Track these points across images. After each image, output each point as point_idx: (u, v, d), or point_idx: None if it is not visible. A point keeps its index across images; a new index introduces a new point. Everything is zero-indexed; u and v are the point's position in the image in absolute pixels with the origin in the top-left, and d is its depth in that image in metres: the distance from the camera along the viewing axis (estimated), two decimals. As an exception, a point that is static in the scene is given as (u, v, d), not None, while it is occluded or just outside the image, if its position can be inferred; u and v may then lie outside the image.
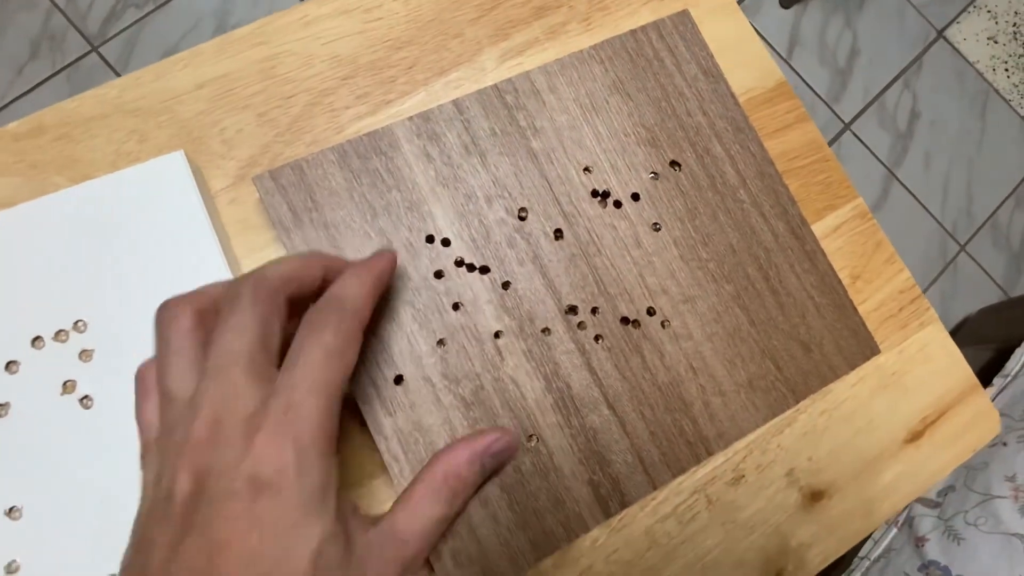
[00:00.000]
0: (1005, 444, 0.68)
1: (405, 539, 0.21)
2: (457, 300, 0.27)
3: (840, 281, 0.31)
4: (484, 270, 0.28)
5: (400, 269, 0.27)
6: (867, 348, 0.30)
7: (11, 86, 1.07)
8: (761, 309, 0.30)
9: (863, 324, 0.30)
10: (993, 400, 0.79)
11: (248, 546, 0.18)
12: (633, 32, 0.31)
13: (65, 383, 0.25)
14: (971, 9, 1.33)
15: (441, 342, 0.27)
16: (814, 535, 0.30)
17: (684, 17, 0.32)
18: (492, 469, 0.25)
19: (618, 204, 0.30)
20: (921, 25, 1.31)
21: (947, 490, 0.68)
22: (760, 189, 0.31)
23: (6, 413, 0.25)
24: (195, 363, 0.20)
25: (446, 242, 0.28)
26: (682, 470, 0.28)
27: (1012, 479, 0.63)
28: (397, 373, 0.26)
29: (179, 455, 0.19)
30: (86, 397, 0.25)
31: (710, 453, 0.28)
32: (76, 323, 0.26)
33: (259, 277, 0.21)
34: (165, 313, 0.21)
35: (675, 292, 0.29)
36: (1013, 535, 0.58)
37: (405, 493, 0.23)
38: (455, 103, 0.29)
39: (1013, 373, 0.82)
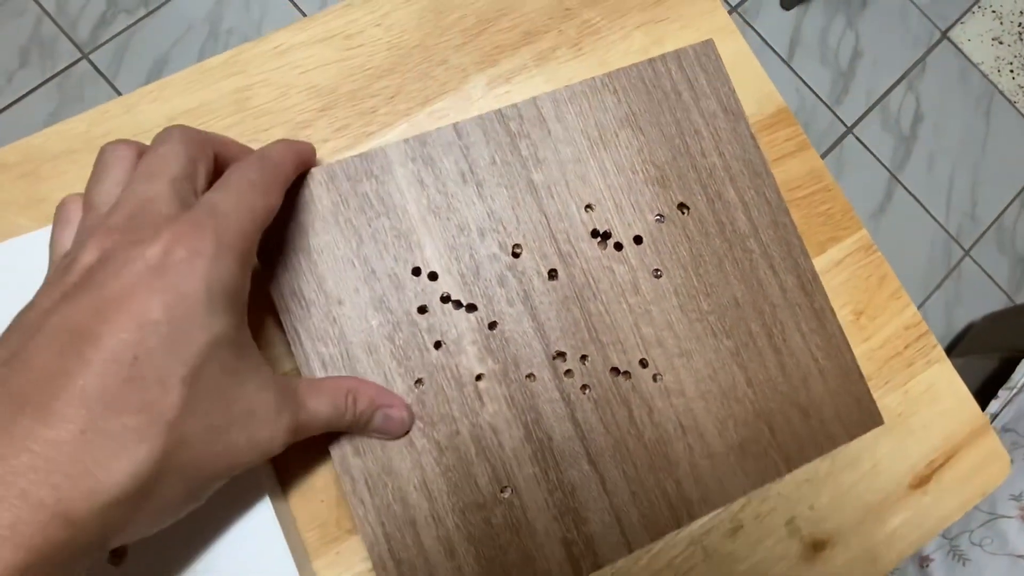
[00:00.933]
0: (1012, 461, 0.64)
1: (301, 408, 0.21)
2: (440, 338, 0.26)
3: (848, 345, 0.29)
4: (471, 308, 0.26)
5: (381, 302, 0.26)
6: (869, 418, 0.29)
7: (0, 95, 1.05)
8: (761, 369, 0.28)
9: (867, 392, 0.29)
10: (998, 414, 0.76)
11: (143, 311, 0.17)
12: (652, 61, 0.30)
13: None
14: (976, 9, 1.29)
15: (419, 382, 0.26)
16: (820, 584, 0.29)
17: (708, 48, 0.30)
18: (377, 427, 0.24)
19: (619, 246, 0.28)
20: (924, 26, 1.27)
21: None
22: (772, 239, 0.29)
23: None
24: (124, 183, 0.20)
25: (433, 276, 0.26)
26: (660, 534, 0.26)
27: (1018, 498, 0.61)
28: (370, 412, 0.25)
29: (91, 236, 0.18)
30: None
31: (692, 517, 0.27)
32: None
33: (190, 127, 0.22)
34: (109, 145, 0.21)
35: (671, 344, 0.28)
36: (1020, 557, 0.56)
37: (313, 383, 0.23)
38: (455, 127, 0.27)
39: (1019, 385, 0.79)
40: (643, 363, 0.27)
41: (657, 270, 0.28)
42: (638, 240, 0.28)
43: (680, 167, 0.29)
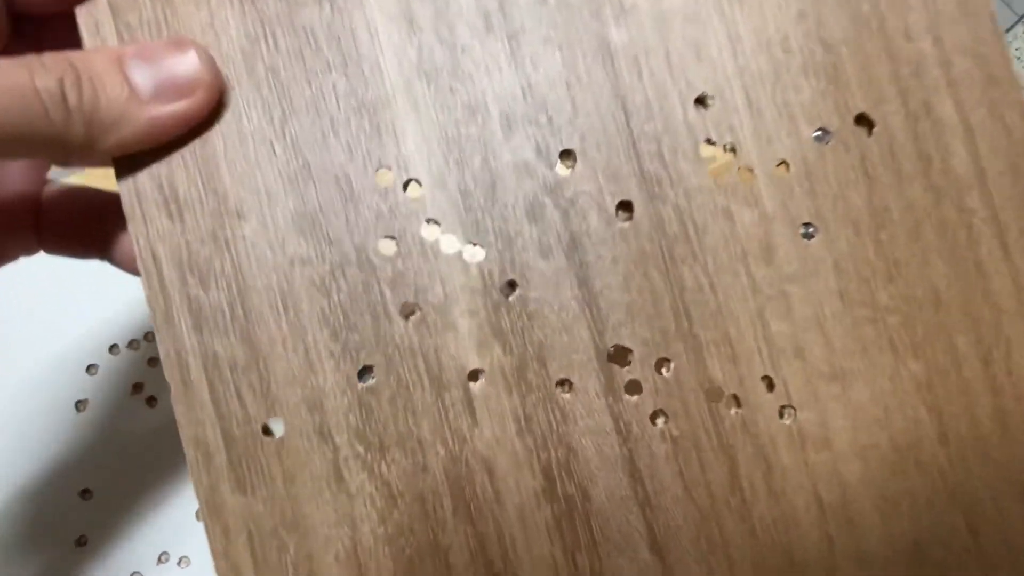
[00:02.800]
0: None
1: None
2: (412, 299, 0.15)
3: (1119, 392, 0.17)
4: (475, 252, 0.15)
5: (314, 221, 0.14)
6: None
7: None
8: (965, 416, 0.16)
9: None
10: None
11: None
12: None
13: (135, 385, 0.28)
14: None
15: (367, 372, 0.14)
16: None
17: None
18: (150, 91, 0.13)
19: (748, 174, 0.16)
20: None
21: None
22: (1009, 198, 0.17)
23: (84, 408, 0.28)
24: None
25: (412, 185, 0.15)
26: None
27: None
28: (271, 416, 0.14)
29: None
30: (152, 397, 0.28)
31: (819, 664, 0.15)
32: (146, 335, 0.29)
33: None
34: None
35: (818, 357, 0.16)
36: None
37: None
38: (482, -70, 0.15)
39: None
40: (768, 383, 0.15)
41: (809, 226, 0.16)
42: (783, 168, 0.16)
43: (867, 52, 0.17)
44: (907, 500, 0.16)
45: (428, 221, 0.15)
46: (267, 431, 0.14)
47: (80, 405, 0.28)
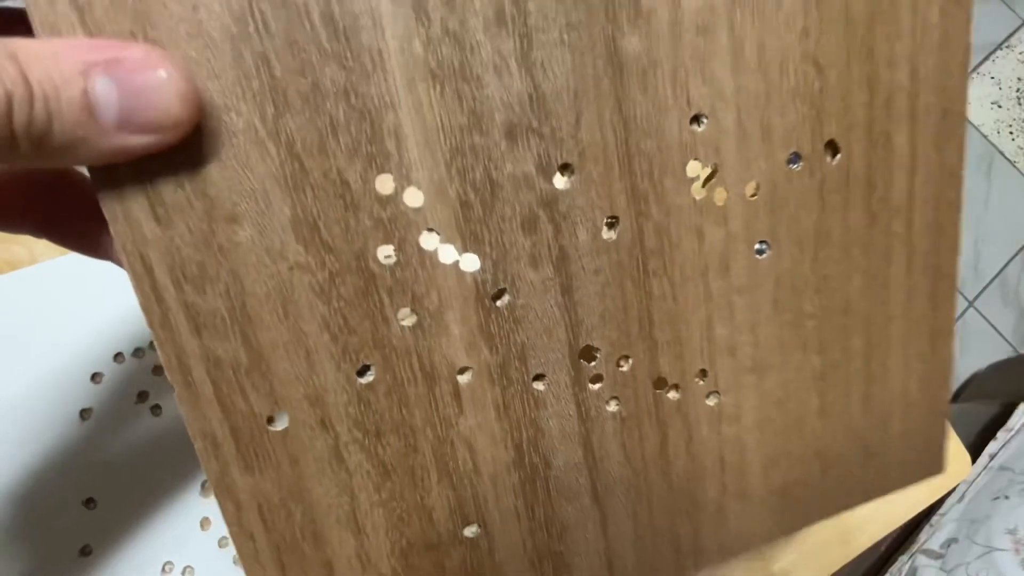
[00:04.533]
0: (1007, 497, 0.68)
1: None
2: (409, 304, 0.15)
3: (948, 379, 0.22)
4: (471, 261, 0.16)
5: (314, 228, 0.14)
6: (933, 464, 0.23)
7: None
8: (842, 399, 0.20)
9: (943, 435, 0.22)
10: (996, 454, 0.78)
11: None
12: None
13: (140, 393, 0.28)
14: (975, 76, 1.27)
15: (365, 371, 0.15)
16: (794, 562, 0.32)
17: None
18: (117, 114, 0.11)
19: (722, 195, 0.17)
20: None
21: (950, 542, 0.68)
22: (926, 224, 0.19)
23: (89, 417, 0.27)
24: None
25: (413, 193, 0.15)
26: (656, 580, 0.20)
27: (1013, 532, 0.63)
28: (275, 408, 0.15)
29: None
30: (156, 406, 0.28)
31: (698, 567, 0.20)
32: (151, 343, 0.27)
33: None
34: None
35: (746, 355, 0.19)
36: None
37: None
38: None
39: (1016, 427, 0.81)
40: (702, 375, 0.18)
41: (764, 243, 0.18)
42: (753, 187, 0.17)
43: (852, 78, 0.17)
44: (785, 458, 0.20)
45: (428, 230, 0.15)
46: (271, 420, 0.15)
47: (84, 414, 0.27)
